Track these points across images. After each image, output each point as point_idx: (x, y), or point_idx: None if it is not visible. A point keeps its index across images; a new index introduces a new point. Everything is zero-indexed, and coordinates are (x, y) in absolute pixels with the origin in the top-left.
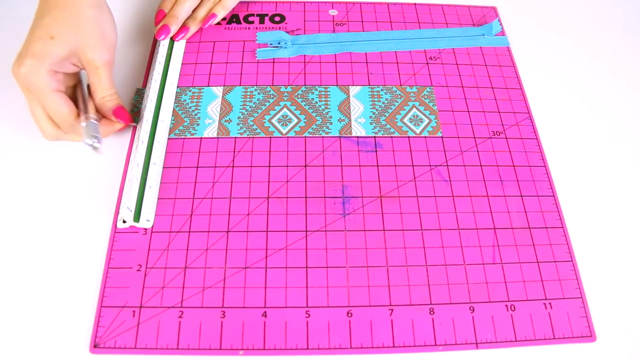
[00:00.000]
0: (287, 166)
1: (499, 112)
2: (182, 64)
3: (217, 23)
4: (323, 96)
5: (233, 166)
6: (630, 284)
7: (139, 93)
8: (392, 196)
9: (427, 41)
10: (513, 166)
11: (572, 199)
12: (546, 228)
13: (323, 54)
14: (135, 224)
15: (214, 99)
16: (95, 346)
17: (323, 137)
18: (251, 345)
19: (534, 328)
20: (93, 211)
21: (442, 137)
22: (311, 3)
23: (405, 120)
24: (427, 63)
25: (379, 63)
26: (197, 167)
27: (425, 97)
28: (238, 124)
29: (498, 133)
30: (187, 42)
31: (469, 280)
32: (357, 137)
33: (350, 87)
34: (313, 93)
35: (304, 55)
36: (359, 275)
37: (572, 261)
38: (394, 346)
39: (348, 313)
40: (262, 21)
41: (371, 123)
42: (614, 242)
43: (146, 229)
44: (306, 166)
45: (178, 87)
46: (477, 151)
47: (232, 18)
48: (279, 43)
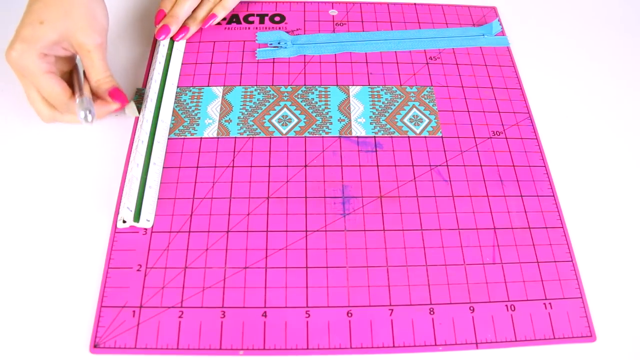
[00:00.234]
0: (287, 166)
1: (499, 112)
2: (182, 64)
3: (217, 23)
4: (323, 96)
5: (233, 166)
6: (630, 284)
7: (139, 93)
8: (392, 196)
9: (427, 41)
10: (513, 166)
11: (572, 199)
12: (546, 228)
13: (323, 54)
14: (135, 224)
15: (214, 99)
16: (95, 346)
17: (323, 137)
18: (251, 345)
19: (534, 328)
20: (93, 211)
21: (442, 137)
22: (311, 3)
23: (405, 120)
24: (427, 63)
25: (379, 63)
26: (197, 167)
27: (425, 97)
28: (238, 124)
29: (498, 133)
30: (187, 42)
31: (469, 280)
32: (357, 137)
33: (350, 87)
34: (313, 93)
35: (304, 55)
36: (359, 275)
37: (572, 261)
38: (394, 346)
39: (348, 313)
40: (262, 21)
41: (371, 123)
42: (614, 242)
43: (146, 229)
44: (306, 166)
45: (178, 87)
46: (477, 151)
47: (232, 18)
48: (279, 43)
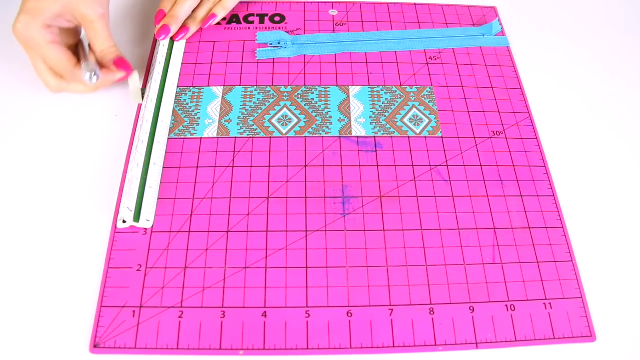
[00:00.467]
0: (287, 166)
1: (499, 112)
2: (182, 64)
3: (217, 23)
4: (323, 96)
5: (233, 166)
6: (630, 284)
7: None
8: (392, 196)
9: (427, 41)
10: (513, 166)
11: (572, 199)
12: (546, 228)
13: (323, 54)
14: (135, 224)
15: (214, 99)
16: (95, 346)
17: (323, 137)
18: (251, 345)
19: (534, 328)
20: (93, 211)
21: (442, 137)
22: (311, 3)
23: (405, 120)
24: (427, 63)
25: (379, 63)
26: (197, 167)
27: (425, 97)
28: (238, 124)
29: (498, 133)
30: (187, 42)
31: (469, 280)
32: (357, 137)
33: (350, 87)
34: (313, 93)
35: (304, 55)
36: (359, 275)
37: (572, 261)
38: (394, 346)
39: (348, 313)
40: (262, 21)
41: (371, 123)
42: (614, 242)
43: (146, 229)
44: (306, 166)
45: (178, 87)
46: (477, 151)
47: (232, 18)
48: (279, 43)
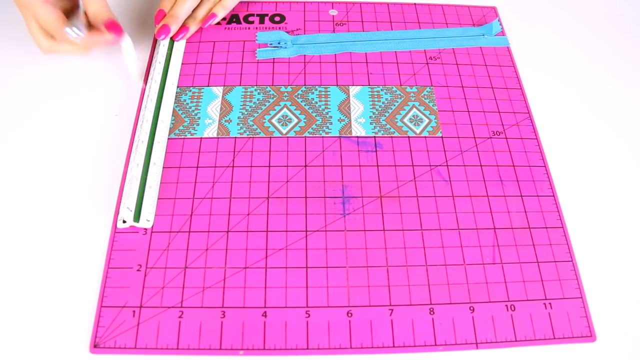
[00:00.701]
0: (287, 166)
1: (499, 112)
2: (182, 64)
3: (217, 23)
4: (323, 96)
5: (233, 166)
6: (630, 284)
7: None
8: (392, 196)
9: (427, 41)
10: (513, 166)
11: (572, 199)
12: (546, 228)
13: (323, 54)
14: (135, 224)
15: (214, 99)
16: (95, 346)
17: (323, 137)
18: (251, 345)
19: (534, 328)
20: (93, 211)
21: (442, 137)
22: (311, 3)
23: (405, 120)
24: (427, 63)
25: (379, 63)
26: (197, 167)
27: (425, 97)
28: (238, 124)
29: (498, 133)
30: (187, 42)
31: (469, 280)
32: (357, 137)
33: (350, 87)
34: (313, 93)
35: (304, 55)
36: (359, 275)
37: (572, 261)
38: (394, 346)
39: (348, 313)
40: (262, 21)
41: (371, 123)
42: (614, 242)
43: (146, 229)
44: (306, 166)
45: (178, 87)
46: (477, 151)
47: (232, 18)
48: (279, 43)
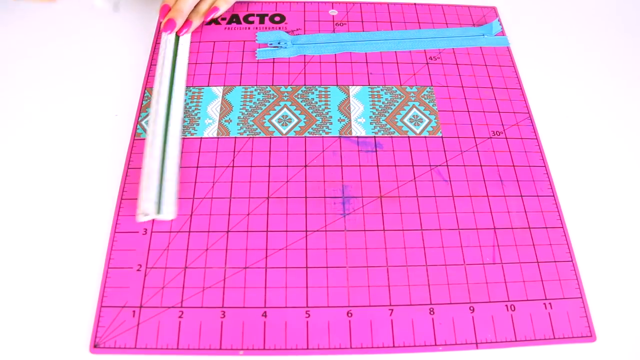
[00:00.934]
0: (287, 166)
1: (499, 112)
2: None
3: (217, 23)
4: (323, 96)
5: (233, 166)
6: (630, 284)
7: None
8: (392, 196)
9: (427, 41)
10: (513, 166)
11: (572, 199)
12: (546, 228)
13: (323, 54)
14: (157, 217)
15: (214, 99)
16: (95, 346)
17: (323, 137)
18: (251, 345)
19: (534, 328)
20: (93, 211)
21: (442, 137)
22: (311, 3)
23: (405, 120)
24: (427, 63)
25: (379, 63)
26: (197, 167)
27: (425, 97)
28: (238, 124)
29: (498, 133)
30: None
31: (469, 280)
32: (357, 137)
33: (350, 87)
34: (313, 93)
35: (304, 55)
36: (359, 275)
37: (572, 261)
38: (394, 346)
39: (348, 313)
40: (262, 21)
41: (371, 123)
42: (614, 242)
43: (146, 229)
44: (306, 166)
45: None
46: (477, 151)
47: (232, 18)
48: (279, 43)
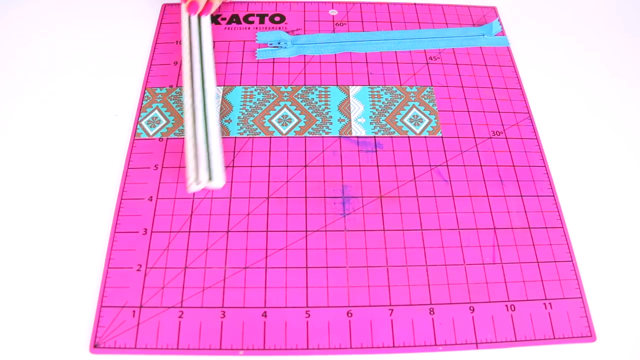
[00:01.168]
0: (287, 166)
1: (499, 112)
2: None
3: (217, 23)
4: (323, 96)
5: (233, 166)
6: (630, 284)
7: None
8: (392, 196)
9: (427, 41)
10: (513, 166)
11: (572, 199)
12: (546, 228)
13: (323, 54)
14: (209, 184)
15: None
16: (95, 346)
17: (323, 137)
18: (251, 345)
19: (534, 328)
20: (93, 211)
21: (442, 137)
22: (311, 3)
23: (405, 120)
24: (427, 63)
25: (379, 63)
26: None
27: (425, 97)
28: (238, 124)
29: (498, 133)
30: None
31: (469, 280)
32: (357, 137)
33: (350, 87)
34: (313, 93)
35: (304, 55)
36: (359, 275)
37: (572, 261)
38: (394, 346)
39: (348, 313)
40: (262, 21)
41: (371, 123)
42: (614, 242)
43: (146, 229)
44: (306, 166)
45: (178, 87)
46: (477, 151)
47: (232, 18)
48: (279, 43)
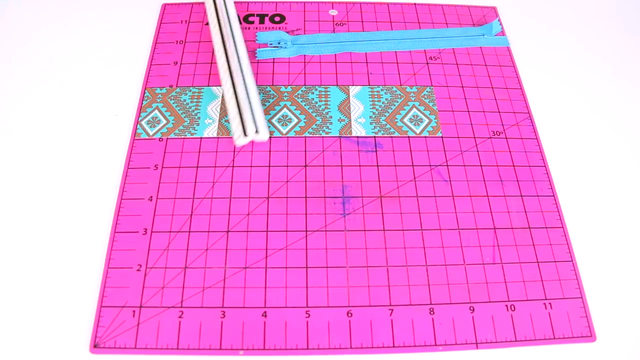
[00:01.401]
0: (287, 166)
1: (499, 112)
2: (182, 64)
3: None
4: (323, 96)
5: (233, 166)
6: (630, 284)
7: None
8: (392, 196)
9: (427, 41)
10: (513, 166)
11: (572, 199)
12: (546, 228)
13: (323, 54)
14: (256, 137)
15: (214, 99)
16: (95, 346)
17: (323, 137)
18: (251, 345)
19: (534, 328)
20: (93, 211)
21: (442, 137)
22: (311, 3)
23: (405, 120)
24: (427, 63)
25: (379, 63)
26: (197, 167)
27: (425, 97)
28: None
29: (498, 133)
30: (187, 42)
31: (469, 280)
32: (357, 137)
33: (350, 87)
34: (313, 93)
35: (304, 55)
36: (359, 275)
37: (572, 261)
38: (394, 346)
39: (348, 313)
40: (262, 21)
41: (371, 123)
42: (614, 242)
43: (146, 229)
44: (306, 166)
45: (178, 87)
46: (477, 151)
47: None
48: (279, 43)
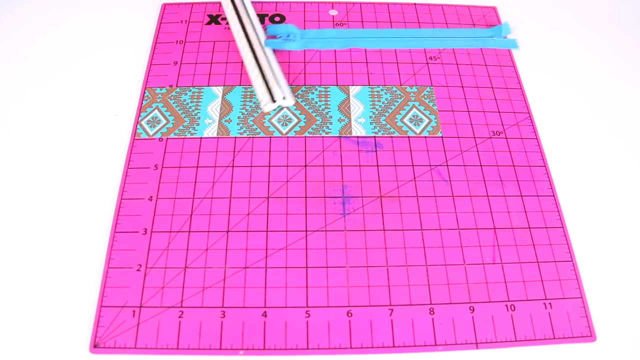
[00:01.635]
0: (287, 166)
1: (499, 112)
2: (182, 64)
3: (217, 23)
4: (323, 96)
5: (233, 166)
6: (630, 284)
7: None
8: (392, 196)
9: (435, 41)
10: (513, 166)
11: (572, 199)
12: (546, 228)
13: (328, 49)
14: (283, 103)
15: (214, 99)
16: (95, 346)
17: (323, 137)
18: (251, 345)
19: (534, 328)
20: (93, 211)
21: (442, 137)
22: (311, 3)
23: (405, 120)
24: (427, 63)
25: (379, 63)
26: (197, 167)
27: (425, 97)
28: (238, 124)
29: (498, 133)
30: (187, 42)
31: (469, 280)
32: (357, 137)
33: (350, 87)
34: (313, 93)
35: (304, 54)
36: (359, 275)
37: (572, 261)
38: (394, 346)
39: (348, 313)
40: (262, 21)
41: (371, 123)
42: (614, 242)
43: (146, 229)
44: (306, 166)
45: (178, 87)
46: (477, 151)
47: None
48: (288, 36)
